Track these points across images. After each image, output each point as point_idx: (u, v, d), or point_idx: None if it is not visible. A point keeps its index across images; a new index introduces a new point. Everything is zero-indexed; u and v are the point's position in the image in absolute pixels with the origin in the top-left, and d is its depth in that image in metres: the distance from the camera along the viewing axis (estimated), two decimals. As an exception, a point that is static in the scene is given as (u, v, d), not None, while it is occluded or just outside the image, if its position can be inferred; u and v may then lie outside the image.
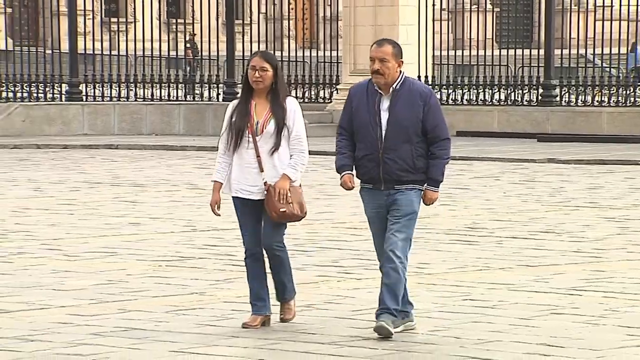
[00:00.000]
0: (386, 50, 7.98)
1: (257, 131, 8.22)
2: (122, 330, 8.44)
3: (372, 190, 8.12)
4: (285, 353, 7.93)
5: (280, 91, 8.25)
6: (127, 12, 40.88)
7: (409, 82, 8.05)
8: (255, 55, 8.30)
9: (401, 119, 7.96)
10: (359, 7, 26.63)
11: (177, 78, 29.01)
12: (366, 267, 11.18)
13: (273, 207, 8.19)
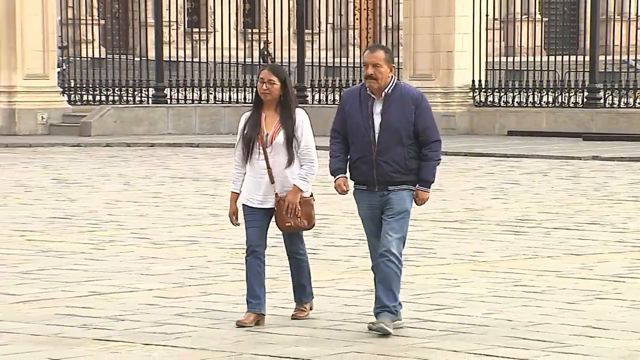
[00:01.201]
0: (379, 55, 7.62)
1: (266, 142, 7.83)
2: (202, 312, 8.47)
3: (366, 192, 7.73)
4: (349, 334, 7.90)
5: (290, 103, 7.86)
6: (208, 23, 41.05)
7: (400, 87, 7.70)
8: (265, 68, 7.90)
9: (393, 122, 7.61)
10: (418, 17, 26.55)
11: (252, 82, 29.03)
12: (423, 255, 11.16)
13: (281, 221, 7.90)
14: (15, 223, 13.17)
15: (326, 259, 10.97)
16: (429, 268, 10.49)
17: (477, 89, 26.56)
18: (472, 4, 26.26)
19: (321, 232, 12.65)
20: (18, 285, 9.49)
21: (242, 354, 7.32)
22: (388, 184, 7.65)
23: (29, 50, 26.03)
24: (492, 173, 19.26)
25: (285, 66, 29.36)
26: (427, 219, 13.69)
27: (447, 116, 26.62)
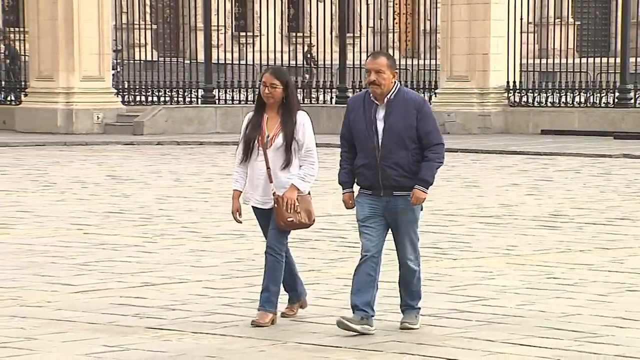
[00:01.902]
0: (381, 62, 7.40)
1: (267, 144, 7.61)
2: (249, 302, 8.48)
3: (371, 196, 7.48)
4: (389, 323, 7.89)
5: (292, 106, 7.62)
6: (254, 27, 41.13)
7: (403, 92, 7.46)
8: (267, 71, 7.66)
9: (396, 127, 7.38)
10: (455, 21, 26.51)
11: (297, 84, 29.07)
12: (461, 249, 11.13)
13: (281, 217, 7.63)
14: (73, 217, 13.26)
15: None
16: (465, 261, 10.46)
17: (511, 90, 26.46)
18: (507, 9, 26.19)
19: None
20: (76, 276, 9.55)
21: (286, 342, 7.33)
22: (393, 188, 7.42)
23: (86, 54, 26.19)
24: (526, 170, 19.17)
25: (327, 68, 29.48)
26: (463, 214, 13.66)
27: (482, 116, 26.53)
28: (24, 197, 15.37)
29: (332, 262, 10.40)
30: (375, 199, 7.46)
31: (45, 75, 26.54)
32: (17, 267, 9.95)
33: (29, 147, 23.55)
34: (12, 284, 9.18)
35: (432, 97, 27.55)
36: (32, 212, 13.71)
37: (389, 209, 7.45)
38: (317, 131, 29.31)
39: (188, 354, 7.00)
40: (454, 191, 16.29)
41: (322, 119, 27.41)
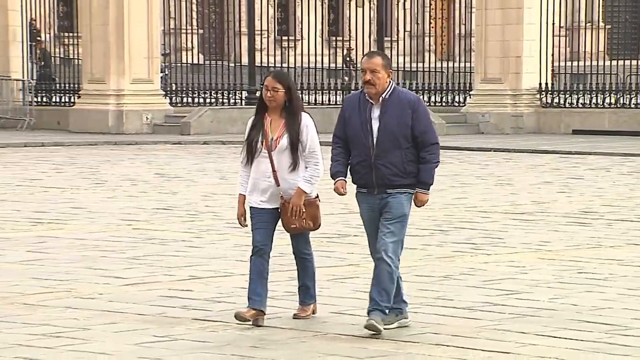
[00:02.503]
0: (376, 61, 7.16)
1: (271, 146, 7.34)
2: (290, 295, 8.48)
3: (367, 195, 7.26)
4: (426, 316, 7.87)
5: (295, 108, 7.35)
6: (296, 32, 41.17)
7: (398, 92, 7.21)
8: (269, 75, 7.40)
9: (390, 126, 7.12)
10: (489, 25, 26.43)
11: (336, 86, 29.13)
12: (494, 244, 11.08)
13: (287, 223, 7.39)
14: (123, 213, 13.32)
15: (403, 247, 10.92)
16: (499, 256, 10.42)
17: (543, 91, 26.35)
18: (539, 13, 26.09)
19: (399, 223, 12.64)
20: (126, 270, 9.59)
21: (327, 333, 7.33)
22: (387, 187, 7.18)
23: (136, 57, 26.32)
24: (557, 169, 19.06)
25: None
26: (497, 211, 13.61)
27: (515, 116, 26.42)
28: (77, 194, 15.46)
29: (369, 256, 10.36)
30: (370, 197, 7.25)
31: (97, 78, 26.70)
32: (70, 260, 10.02)
33: (82, 146, 23.69)
34: (66, 277, 9.24)
35: (467, 99, 27.52)
36: (85, 209, 13.79)
37: (382, 205, 7.22)
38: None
39: (232, 344, 7.01)
40: (488, 189, 16.22)
41: (360, 119, 27.43)
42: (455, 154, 21.93)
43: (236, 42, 31.14)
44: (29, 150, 22.64)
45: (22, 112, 27.96)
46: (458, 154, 22.08)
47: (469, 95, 27.41)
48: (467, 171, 18.66)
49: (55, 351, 6.72)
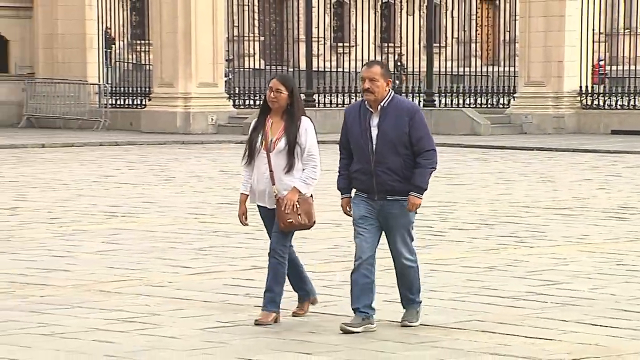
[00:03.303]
0: (375, 70, 6.90)
1: (270, 147, 7.06)
2: (346, 284, 8.45)
3: (367, 199, 6.97)
4: (472, 304, 7.83)
5: (296, 111, 7.07)
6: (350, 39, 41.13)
7: (397, 100, 6.93)
8: (274, 78, 7.13)
9: (388, 133, 6.84)
10: (532, 32, 26.31)
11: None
12: (537, 237, 10.99)
13: (282, 218, 7.06)
14: (190, 207, 13.39)
15: (451, 240, 10.90)
16: (541, 249, 10.33)
17: (584, 94, 26.14)
18: (580, 20, 25.89)
19: (447, 217, 12.58)
20: (193, 260, 9.64)
21: (379, 320, 7.31)
22: (387, 193, 6.89)
23: (202, 63, 26.48)
24: (597, 167, 18.87)
25: (416, 74, 29.42)
26: (539, 206, 13.50)
27: (557, 117, 26.23)
28: (148, 190, 15.57)
29: (419, 249, 10.31)
30: (370, 201, 6.95)
31: (166, 82, 26.89)
32: (142, 251, 10.09)
33: (152, 145, 23.85)
34: (138, 266, 9.30)
35: (511, 101, 27.36)
36: (155, 203, 13.88)
37: (383, 212, 6.94)
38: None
39: (292, 330, 7.02)
40: (531, 185, 16.10)
41: (411, 120, 27.37)
42: (499, 153, 21.81)
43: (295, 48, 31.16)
44: (104, 149, 22.84)
45: (98, 114, 28.23)
46: (502, 152, 21.96)
47: (513, 98, 27.25)
48: (511, 169, 18.53)
49: (128, 335, 6.77)
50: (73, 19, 28.82)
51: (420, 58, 28.57)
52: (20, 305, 7.68)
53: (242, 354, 6.36)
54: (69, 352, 6.41)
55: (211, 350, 6.46)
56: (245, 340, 6.75)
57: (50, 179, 16.80)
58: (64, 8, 28.86)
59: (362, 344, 6.67)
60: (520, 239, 10.93)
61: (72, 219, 12.34)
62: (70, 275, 8.87)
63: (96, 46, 28.92)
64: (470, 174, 17.73)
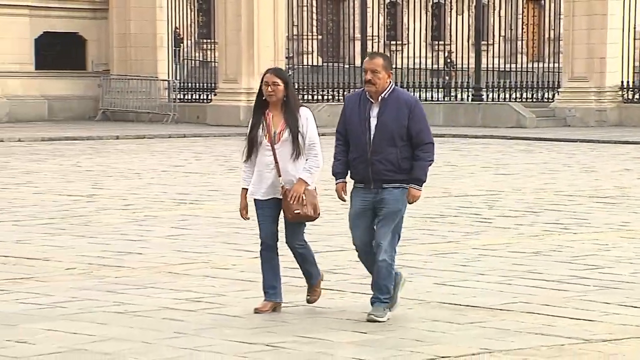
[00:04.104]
0: (377, 62, 6.63)
1: (274, 139, 6.78)
2: (398, 267, 8.43)
3: (363, 190, 6.70)
4: (518, 287, 7.77)
5: (293, 102, 6.80)
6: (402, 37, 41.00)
7: (397, 92, 6.66)
8: (267, 72, 6.85)
9: (387, 124, 6.58)
10: (576, 30, 26.09)
11: (438, 84, 28.96)
12: (580, 224, 10.88)
13: (288, 209, 6.79)
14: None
15: (498, 226, 10.82)
16: (584, 235, 10.23)
17: (625, 88, 25.87)
18: (622, 19, 25.60)
19: (494, 205, 12.49)
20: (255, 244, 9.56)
21: (430, 302, 7.29)
22: (382, 182, 6.63)
23: (264, 60, 26.53)
24: (638, 157, 18.62)
25: (464, 71, 29.28)
26: (582, 195, 13.36)
27: (599, 111, 25.96)
28: (213, 178, 15.65)
29: (467, 234, 10.29)
30: (366, 191, 6.69)
31: (230, 78, 27.00)
32: (208, 236, 10.14)
33: (217, 137, 23.97)
34: (205, 250, 9.35)
35: (555, 95, 27.13)
36: (220, 191, 13.95)
37: (377, 200, 6.67)
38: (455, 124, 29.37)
39: (347, 310, 7.02)
40: (574, 175, 15.94)
41: (459, 113, 27.24)
42: (544, 145, 21.63)
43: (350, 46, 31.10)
44: (172, 141, 23.00)
45: (167, 108, 28.44)
46: (547, 144, 21.77)
47: (557, 92, 27.04)
48: (555, 160, 18.35)
49: (195, 313, 6.82)
50: (145, 20, 29.05)
51: (469, 55, 28.40)
52: (98, 285, 7.77)
53: (300, 332, 6.38)
54: (141, 329, 6.47)
55: (273, 329, 6.48)
56: (304, 320, 6.76)
57: (124, 169, 16.96)
58: (137, 9, 29.09)
59: (414, 323, 6.65)
60: (564, 225, 10.82)
61: (144, 205, 12.44)
62: (143, 257, 8.95)
63: (166, 45, 29.14)
64: (516, 164, 17.59)
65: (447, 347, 6.05)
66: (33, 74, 28.91)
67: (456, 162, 17.95)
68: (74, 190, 13.92)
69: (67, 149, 20.97)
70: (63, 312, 6.88)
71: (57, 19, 29.19)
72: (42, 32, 28.98)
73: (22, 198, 13.05)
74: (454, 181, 14.93)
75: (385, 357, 5.85)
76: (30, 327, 6.48)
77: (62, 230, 10.42)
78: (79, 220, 11.17)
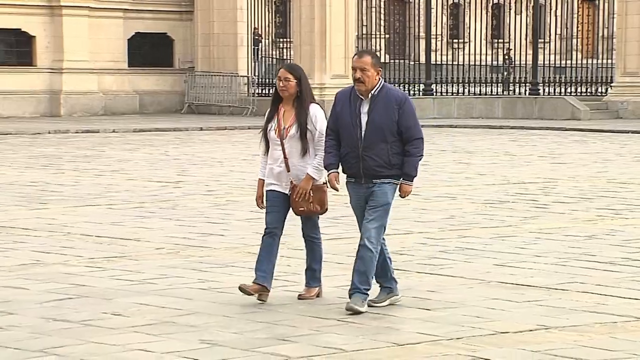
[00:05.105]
0: (366, 60, 6.25)
1: (283, 134, 6.47)
2: (460, 250, 8.40)
3: (355, 184, 6.36)
4: (573, 269, 7.65)
5: (305, 98, 6.46)
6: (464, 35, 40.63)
7: (387, 89, 6.29)
8: (282, 67, 6.57)
9: (378, 120, 6.22)
10: (629, 28, 25.66)
11: (497, 79, 28.64)
12: (632, 210, 10.67)
13: (295, 206, 6.50)
14: (324, 182, 13.40)
15: (554, 212, 10.67)
16: (636, 220, 10.03)
17: (674, 83, 25.33)
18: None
19: (550, 192, 12.32)
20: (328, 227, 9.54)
21: (490, 281, 7.22)
22: (373, 177, 6.28)
23: (335, 58, 26.55)
24: (686, 148, 18.20)
25: (522, 67, 28.94)
26: (634, 182, 13.12)
27: (649, 103, 25.50)
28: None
29: (525, 219, 10.17)
30: (358, 186, 6.36)
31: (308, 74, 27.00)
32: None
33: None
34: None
35: (608, 89, 26.71)
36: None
37: (367, 194, 6.34)
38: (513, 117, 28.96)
39: (413, 289, 6.99)
40: (626, 164, 15.65)
41: (517, 107, 26.96)
42: (597, 136, 21.29)
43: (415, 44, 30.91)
44: (251, 132, 23.13)
45: (246, 102, 28.62)
46: (600, 135, 21.42)
47: (610, 87, 26.60)
48: (608, 150, 18.04)
49: (273, 290, 6.84)
50: (226, 21, 29.24)
51: (526, 52, 28.06)
52: (184, 264, 7.84)
53: (368, 309, 6.36)
54: (223, 304, 6.51)
55: (343, 306, 6.47)
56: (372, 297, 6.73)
57: (207, 157, 17.09)
58: (219, 12, 29.30)
59: (475, 301, 6.59)
60: (617, 211, 10.63)
61: (225, 191, 12.52)
62: (224, 239, 9.00)
63: (245, 44, 29.30)
64: (570, 154, 17.34)
65: (506, 323, 5.99)
66: (126, 71, 29.31)
67: (514, 152, 17.74)
68: (162, 177, 14.06)
69: (156, 139, 21.21)
70: (153, 288, 6.95)
71: (147, 21, 29.54)
72: (134, 33, 29.35)
73: (116, 184, 13.23)
74: (512, 169, 14.76)
75: (448, 332, 5.81)
76: (123, 301, 6.56)
77: (152, 213, 10.53)
78: (166, 204, 11.28)
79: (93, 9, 28.39)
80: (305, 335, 5.75)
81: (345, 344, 5.54)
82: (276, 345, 5.54)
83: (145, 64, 29.63)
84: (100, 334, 5.74)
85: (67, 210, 10.75)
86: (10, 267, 7.66)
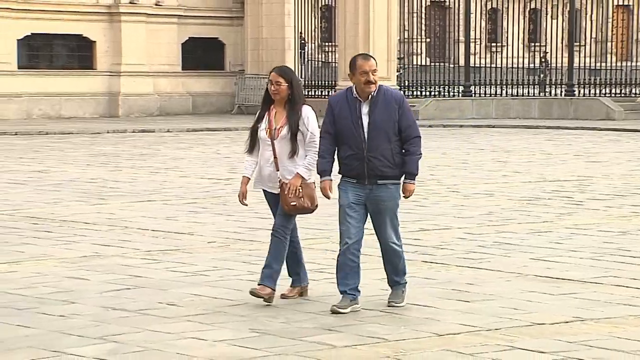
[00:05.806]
0: (373, 63, 6.19)
1: (274, 135, 6.30)
2: (497, 244, 8.34)
3: (357, 184, 6.12)
4: (608, 263, 7.55)
5: (297, 100, 6.29)
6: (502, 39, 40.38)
7: (384, 89, 6.15)
8: (273, 70, 6.40)
9: (380, 121, 6.05)
10: (661, 31, 25.17)
11: (534, 81, 28.41)
12: (665, 207, 10.51)
13: (285, 201, 6.28)
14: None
15: (589, 208, 10.55)
16: (668, 217, 9.87)
17: None
18: None
19: (585, 189, 12.19)
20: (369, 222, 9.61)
21: (527, 275, 7.16)
22: (378, 177, 6.09)
23: (378, 60, 25.94)
24: None
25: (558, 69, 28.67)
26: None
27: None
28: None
29: (561, 215, 10.07)
30: (359, 187, 6.12)
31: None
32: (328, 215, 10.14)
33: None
34: (325, 227, 9.38)
35: (642, 90, 26.39)
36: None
37: (371, 197, 6.12)
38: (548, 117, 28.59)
39: (453, 281, 6.96)
40: (659, 163, 15.40)
41: (553, 108, 26.72)
42: (632, 135, 21.03)
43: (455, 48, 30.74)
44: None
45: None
46: (635, 135, 21.15)
47: (644, 88, 26.20)
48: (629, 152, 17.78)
49: (317, 282, 6.85)
50: (274, 26, 29.34)
51: (562, 55, 27.82)
52: (234, 256, 7.88)
53: (410, 301, 6.35)
54: (271, 295, 6.50)
55: (386, 297, 6.45)
56: (414, 289, 6.71)
57: (256, 156, 17.12)
58: (268, 17, 29.43)
59: (513, 293, 6.55)
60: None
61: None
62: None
63: (292, 48, 29.37)
64: (605, 153, 17.14)
65: (542, 315, 5.94)
66: (179, 74, 29.54)
67: (550, 150, 17.58)
68: (213, 175, 14.15)
69: (207, 138, 21.34)
70: (205, 280, 6.99)
71: (200, 26, 29.75)
72: (188, 38, 29.58)
73: (170, 181, 13.33)
74: (548, 168, 14.62)
75: (487, 323, 5.77)
76: (178, 291, 6.61)
77: (204, 208, 10.60)
78: (218, 200, 11.34)
79: (149, 16, 28.68)
80: (349, 325, 5.75)
81: (388, 334, 5.54)
82: (322, 334, 5.55)
83: (197, 67, 29.85)
84: (156, 322, 5.79)
85: (124, 205, 10.85)
86: (72, 259, 7.76)
